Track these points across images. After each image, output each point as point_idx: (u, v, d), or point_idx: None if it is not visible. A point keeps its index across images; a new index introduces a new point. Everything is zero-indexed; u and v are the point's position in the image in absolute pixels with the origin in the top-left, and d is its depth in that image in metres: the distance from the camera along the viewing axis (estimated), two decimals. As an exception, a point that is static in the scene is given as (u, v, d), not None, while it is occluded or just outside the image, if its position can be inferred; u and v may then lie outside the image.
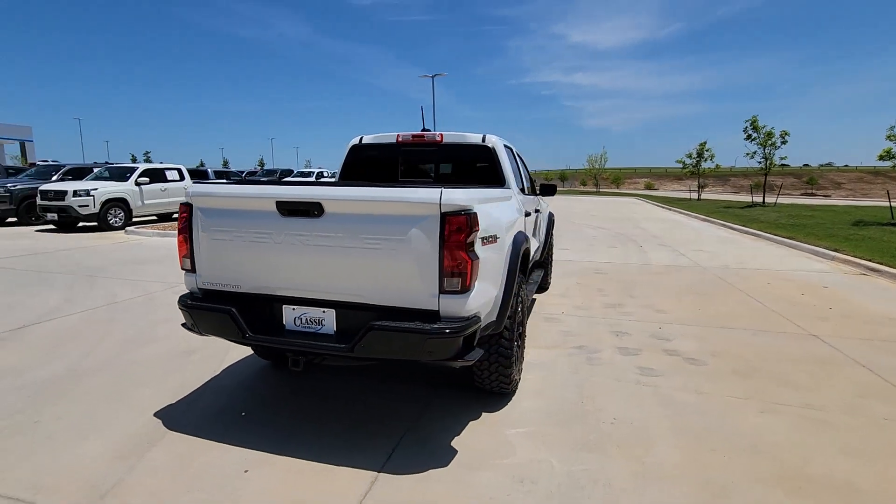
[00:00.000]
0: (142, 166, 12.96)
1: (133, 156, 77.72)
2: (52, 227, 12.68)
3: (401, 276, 2.47)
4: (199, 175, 15.94)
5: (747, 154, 23.32)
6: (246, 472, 2.52)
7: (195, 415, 3.11)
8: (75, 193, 11.68)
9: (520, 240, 3.28)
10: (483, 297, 2.64)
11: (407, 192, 2.43)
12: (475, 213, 2.49)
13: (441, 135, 4.14)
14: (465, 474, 2.52)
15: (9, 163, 48.52)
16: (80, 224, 12.46)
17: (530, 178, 5.90)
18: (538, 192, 5.84)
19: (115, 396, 3.32)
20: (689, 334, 4.82)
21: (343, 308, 2.63)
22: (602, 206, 26.19)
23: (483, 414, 3.17)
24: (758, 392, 3.52)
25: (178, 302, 2.86)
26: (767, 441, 2.87)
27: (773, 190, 24.91)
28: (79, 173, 13.71)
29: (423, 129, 4.26)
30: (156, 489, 2.36)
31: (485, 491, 2.39)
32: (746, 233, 13.52)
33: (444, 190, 2.39)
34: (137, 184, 12.68)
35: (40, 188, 12.09)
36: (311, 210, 2.52)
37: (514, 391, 3.43)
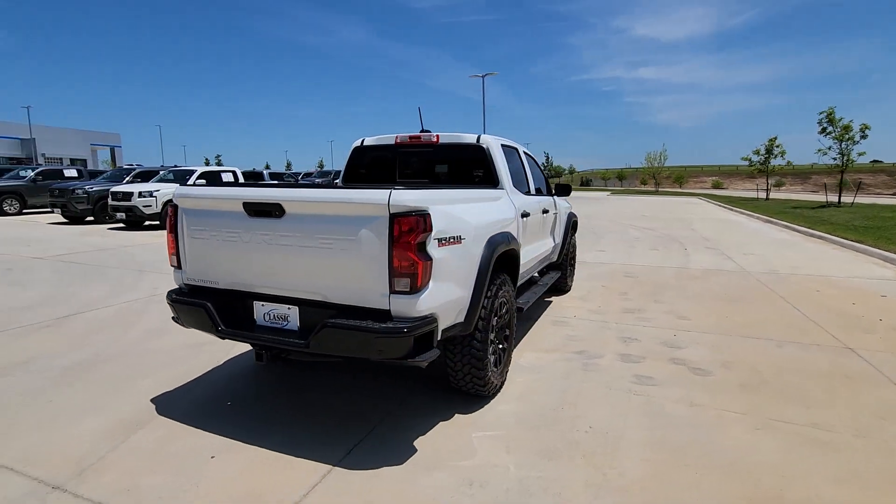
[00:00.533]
0: (199, 169, 13.88)
1: (206, 159, 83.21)
2: (121, 225, 13.86)
3: (354, 275, 2.52)
4: (253, 177, 16.84)
5: (819, 151, 21.46)
6: (212, 457, 2.66)
7: (186, 402, 3.32)
8: (140, 195, 12.72)
9: (497, 241, 3.23)
10: (442, 298, 2.64)
11: (357, 194, 2.48)
12: (428, 214, 2.50)
13: (437, 136, 4.16)
14: (417, 474, 2.53)
15: (101, 167, 53.58)
16: (146, 223, 13.53)
17: (547, 179, 5.79)
18: (554, 192, 5.72)
19: (123, 382, 3.60)
20: (705, 343, 4.54)
21: (306, 306, 2.72)
22: (657, 206, 25.07)
23: (455, 415, 3.16)
24: (760, 407, 3.27)
25: (166, 296, 3.08)
26: (750, 460, 2.67)
27: (855, 188, 22.73)
28: (146, 176, 14.89)
29: (422, 131, 4.29)
30: (128, 468, 2.55)
31: (431, 492, 2.40)
32: (810, 235, 12.49)
33: (392, 191, 2.42)
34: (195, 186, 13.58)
35: (111, 189, 13.26)
36: (272, 211, 2.63)
37: (494, 394, 3.39)
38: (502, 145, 4.27)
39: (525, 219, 4.20)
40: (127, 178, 15.03)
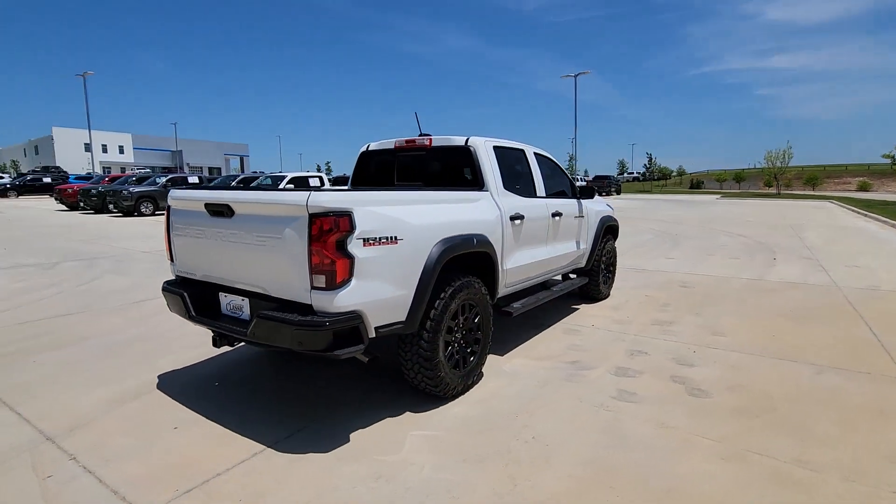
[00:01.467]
0: (290, 175, 15.24)
1: (318, 165, 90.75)
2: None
3: (285, 271, 2.71)
4: (341, 182, 18.06)
5: None
6: (175, 428, 3.02)
7: (185, 379, 3.77)
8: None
9: (454, 243, 3.23)
10: (370, 296, 2.73)
11: (284, 195, 2.67)
12: (349, 214, 2.61)
13: (430, 139, 4.24)
14: (335, 463, 2.65)
15: (232, 174, 60.91)
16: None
17: (573, 182, 5.57)
18: (578, 195, 5.49)
19: (147, 359, 4.17)
20: (724, 362, 4.08)
21: (255, 298, 2.97)
22: (770, 211, 22.37)
23: (406, 413, 3.22)
24: (742, 436, 2.90)
25: (161, 286, 3.53)
26: (692, 491, 2.40)
27: None
28: (248, 182, 16.69)
29: (421, 134, 4.39)
30: (107, 430, 2.99)
31: (338, 482, 2.50)
32: (950, 247, 10.38)
33: (311, 193, 2.57)
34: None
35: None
36: (224, 211, 2.92)
37: (453, 396, 3.39)
38: (496, 147, 4.22)
39: (517, 222, 4.11)
40: (232, 184, 16.97)
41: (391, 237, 2.85)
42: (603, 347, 4.46)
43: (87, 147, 45.10)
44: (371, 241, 2.73)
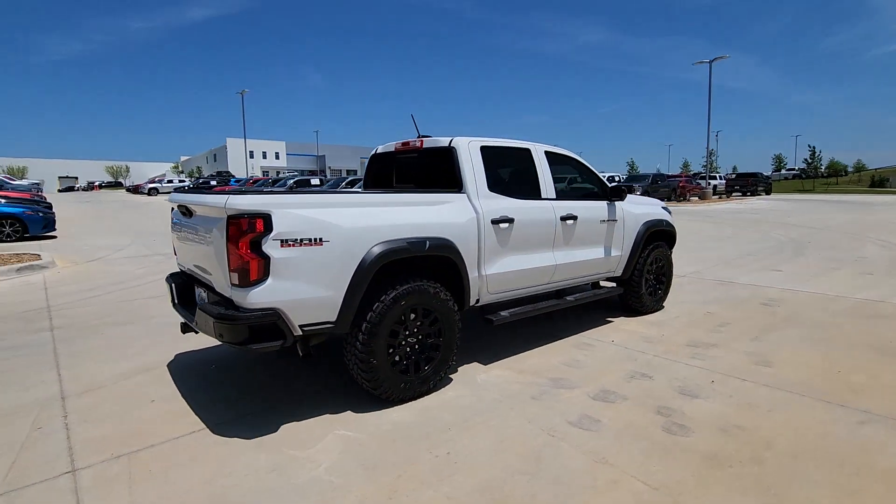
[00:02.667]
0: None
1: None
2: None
3: (217, 267, 2.95)
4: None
5: None
6: (152, 401, 3.45)
7: (192, 360, 4.26)
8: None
9: (397, 247, 3.19)
10: (290, 295, 2.84)
11: (211, 198, 2.90)
12: (263, 216, 2.75)
13: (422, 140, 4.22)
14: (248, 450, 2.81)
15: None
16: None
17: (602, 184, 5.09)
18: (610, 195, 5.01)
19: (177, 339, 4.76)
20: (741, 397, 3.42)
21: (208, 291, 3.27)
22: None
23: (347, 412, 3.27)
24: (689, 488, 2.43)
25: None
26: (568, 538, 2.09)
27: None
28: (353, 184, 18.03)
29: (420, 136, 4.38)
30: (106, 397, 3.53)
31: (236, 467, 2.65)
32: None
33: (230, 196, 2.76)
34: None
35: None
36: (187, 211, 3.26)
37: (400, 400, 3.34)
38: (484, 147, 4.05)
39: (504, 225, 3.91)
40: (342, 185, 18.47)
41: (315, 239, 2.92)
42: (603, 366, 4.02)
43: (252, 154, 52.61)
44: (291, 243, 2.84)
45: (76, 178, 69.06)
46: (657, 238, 5.59)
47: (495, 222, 3.87)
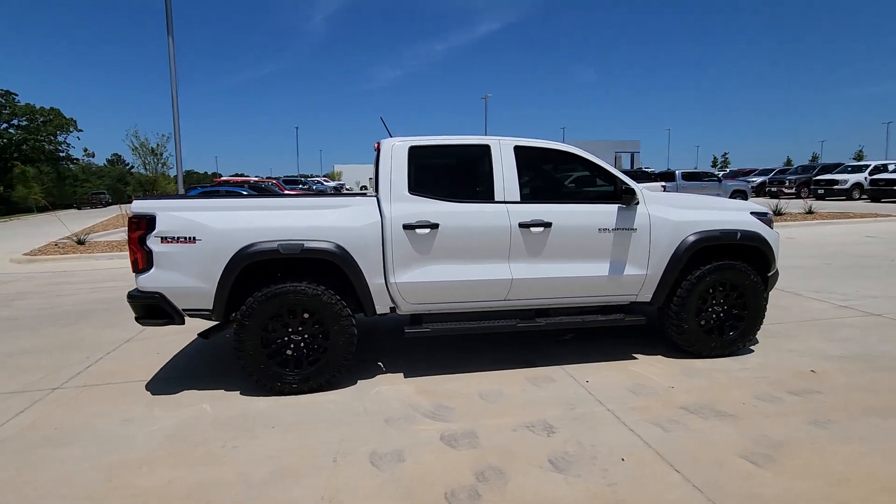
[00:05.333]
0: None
1: (715, 157, 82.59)
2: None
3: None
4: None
5: None
6: (141, 382, 4.52)
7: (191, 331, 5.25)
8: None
9: (261, 249, 3.36)
10: (169, 283, 3.37)
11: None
12: (148, 217, 3.36)
13: (378, 143, 4.17)
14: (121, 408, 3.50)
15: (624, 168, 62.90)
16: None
17: (617, 182, 4.02)
18: (622, 196, 3.97)
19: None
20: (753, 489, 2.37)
21: None
22: None
23: (219, 390, 3.64)
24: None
25: None
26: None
27: None
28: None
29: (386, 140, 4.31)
30: (113, 369, 4.66)
31: (93, 419, 3.35)
32: None
33: (136, 200, 3.46)
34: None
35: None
36: None
37: (279, 392, 3.48)
38: (417, 146, 3.77)
39: (423, 231, 3.60)
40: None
41: (189, 237, 3.38)
42: (519, 410, 3.27)
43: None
44: (169, 240, 3.37)
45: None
46: (725, 254, 4.03)
47: (409, 227, 3.59)
